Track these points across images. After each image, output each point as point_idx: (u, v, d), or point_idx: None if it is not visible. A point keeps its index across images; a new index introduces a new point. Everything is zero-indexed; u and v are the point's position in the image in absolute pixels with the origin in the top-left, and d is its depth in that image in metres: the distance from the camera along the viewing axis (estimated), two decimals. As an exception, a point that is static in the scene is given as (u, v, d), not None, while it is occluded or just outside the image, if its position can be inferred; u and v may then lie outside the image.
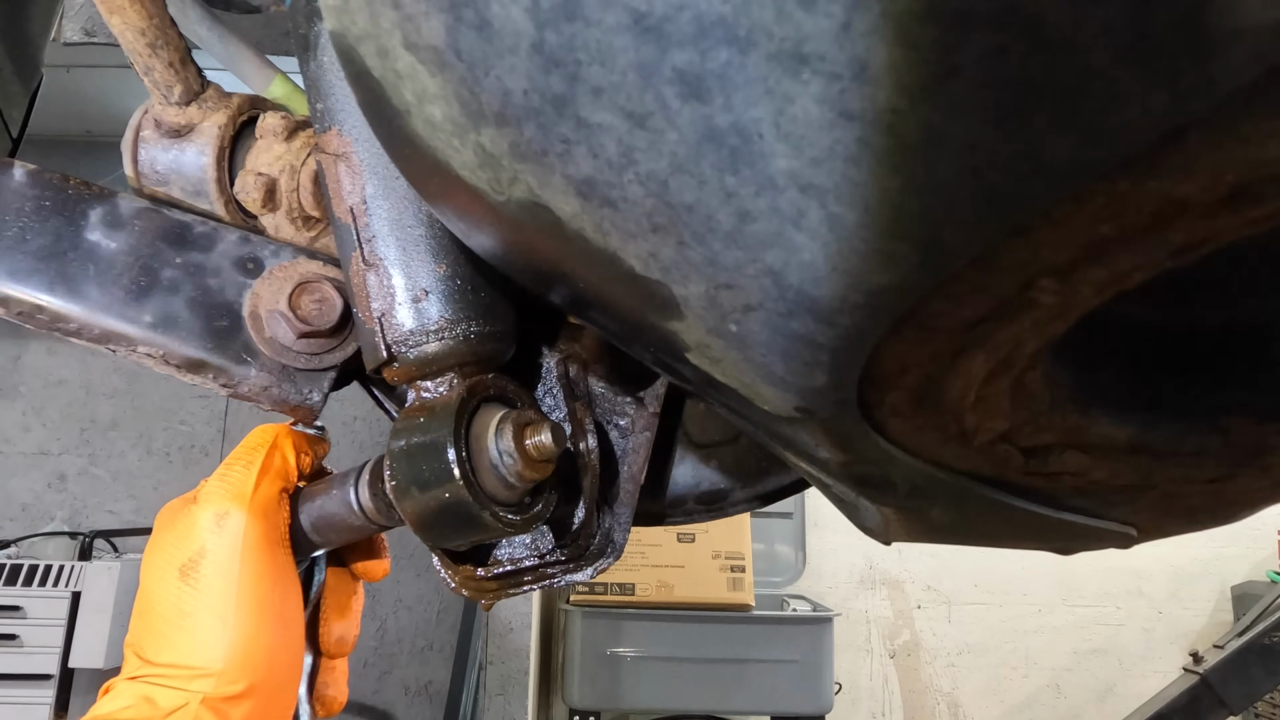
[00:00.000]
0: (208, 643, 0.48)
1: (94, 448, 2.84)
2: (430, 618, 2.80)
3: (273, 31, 0.92)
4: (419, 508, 0.47)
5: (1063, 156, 0.21)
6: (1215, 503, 0.44)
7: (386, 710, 2.73)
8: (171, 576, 0.50)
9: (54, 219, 0.56)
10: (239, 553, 0.50)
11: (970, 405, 0.34)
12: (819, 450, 0.37)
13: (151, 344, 0.55)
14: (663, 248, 0.28)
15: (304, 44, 0.50)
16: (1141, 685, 3.04)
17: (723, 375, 0.34)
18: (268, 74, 0.74)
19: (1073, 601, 3.23)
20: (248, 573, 0.50)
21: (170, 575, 0.50)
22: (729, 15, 0.21)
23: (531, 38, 0.25)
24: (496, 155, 0.30)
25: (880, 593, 3.26)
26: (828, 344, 0.28)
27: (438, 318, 0.49)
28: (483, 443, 0.47)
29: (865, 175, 0.23)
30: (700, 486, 0.70)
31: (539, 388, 0.58)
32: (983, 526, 0.47)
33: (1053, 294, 0.27)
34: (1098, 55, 0.19)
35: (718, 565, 2.61)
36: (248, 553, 0.50)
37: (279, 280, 0.56)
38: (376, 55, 0.31)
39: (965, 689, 3.19)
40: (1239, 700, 2.25)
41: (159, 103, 0.58)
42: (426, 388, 0.51)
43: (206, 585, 0.49)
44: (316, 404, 0.57)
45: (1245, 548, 3.21)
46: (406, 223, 0.49)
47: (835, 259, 0.25)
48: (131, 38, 0.55)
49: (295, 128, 0.60)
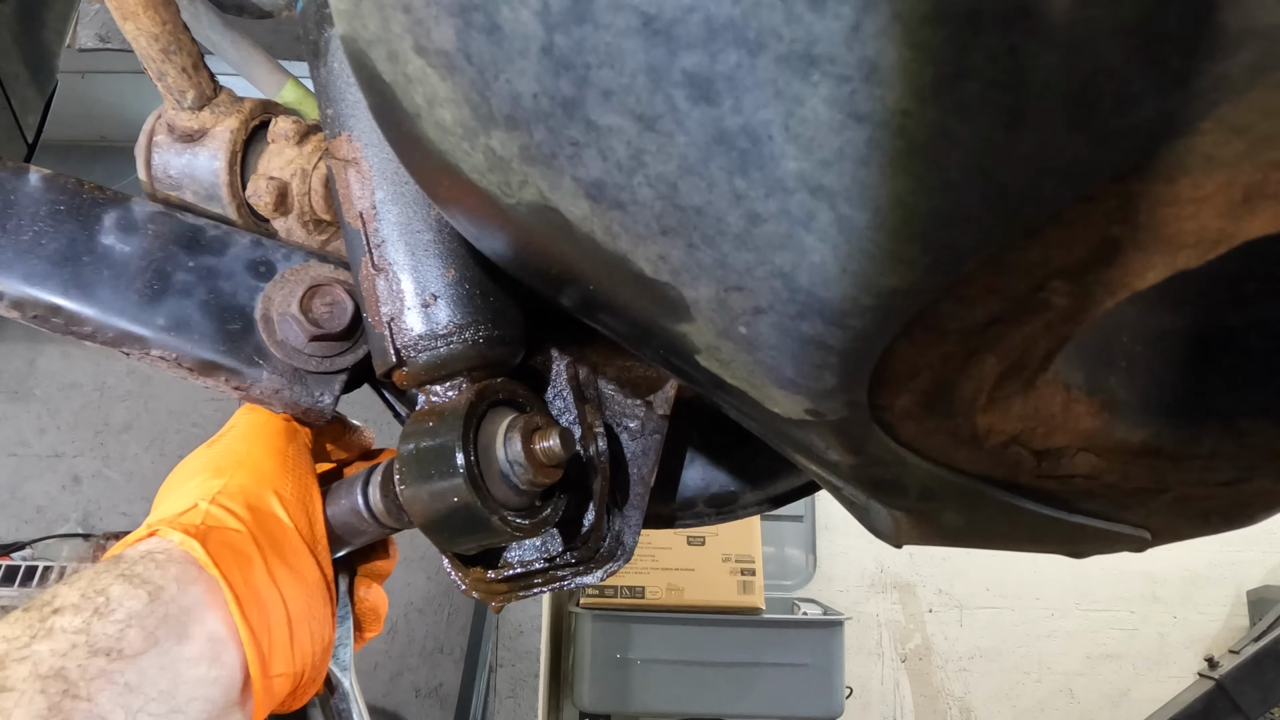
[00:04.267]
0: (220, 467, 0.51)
1: (108, 450, 2.86)
2: (441, 620, 2.80)
3: (284, 36, 0.93)
4: (427, 511, 0.47)
5: (1074, 157, 0.21)
6: (1230, 506, 0.44)
7: (397, 712, 2.73)
8: (200, 449, 0.54)
9: (69, 223, 0.56)
10: (263, 423, 0.55)
11: (982, 407, 0.34)
12: (829, 453, 0.37)
13: (165, 347, 0.55)
14: (672, 250, 0.28)
15: (314, 49, 0.51)
16: (1156, 690, 3.01)
17: (732, 378, 0.34)
18: (279, 78, 0.75)
19: (1086, 606, 3.20)
20: (265, 432, 0.54)
21: (199, 449, 0.54)
22: (738, 18, 0.21)
23: (541, 41, 0.25)
24: (506, 158, 0.30)
25: (891, 596, 3.24)
26: (838, 346, 0.28)
27: (447, 322, 0.49)
28: (491, 448, 0.47)
29: (875, 177, 0.22)
30: (710, 489, 0.70)
31: (548, 391, 0.58)
32: (994, 529, 0.46)
33: (1065, 295, 0.27)
34: (1109, 55, 0.19)
35: (728, 568, 2.61)
36: (270, 422, 0.55)
37: (291, 283, 0.56)
38: (387, 59, 0.31)
39: (977, 694, 3.17)
40: (1255, 706, 2.22)
41: (172, 108, 0.59)
42: (436, 392, 0.51)
43: (227, 441, 0.54)
44: (327, 406, 0.57)
45: (1261, 552, 3.17)
46: (416, 228, 0.50)
47: (845, 261, 0.25)
48: (145, 43, 0.55)
49: (307, 132, 0.61)
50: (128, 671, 0.38)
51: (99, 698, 0.37)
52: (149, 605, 0.40)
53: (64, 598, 0.40)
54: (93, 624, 0.38)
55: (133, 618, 0.40)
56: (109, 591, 0.40)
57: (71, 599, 0.40)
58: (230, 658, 0.42)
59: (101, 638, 0.38)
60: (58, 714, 0.35)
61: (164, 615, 0.41)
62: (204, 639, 0.41)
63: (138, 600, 0.40)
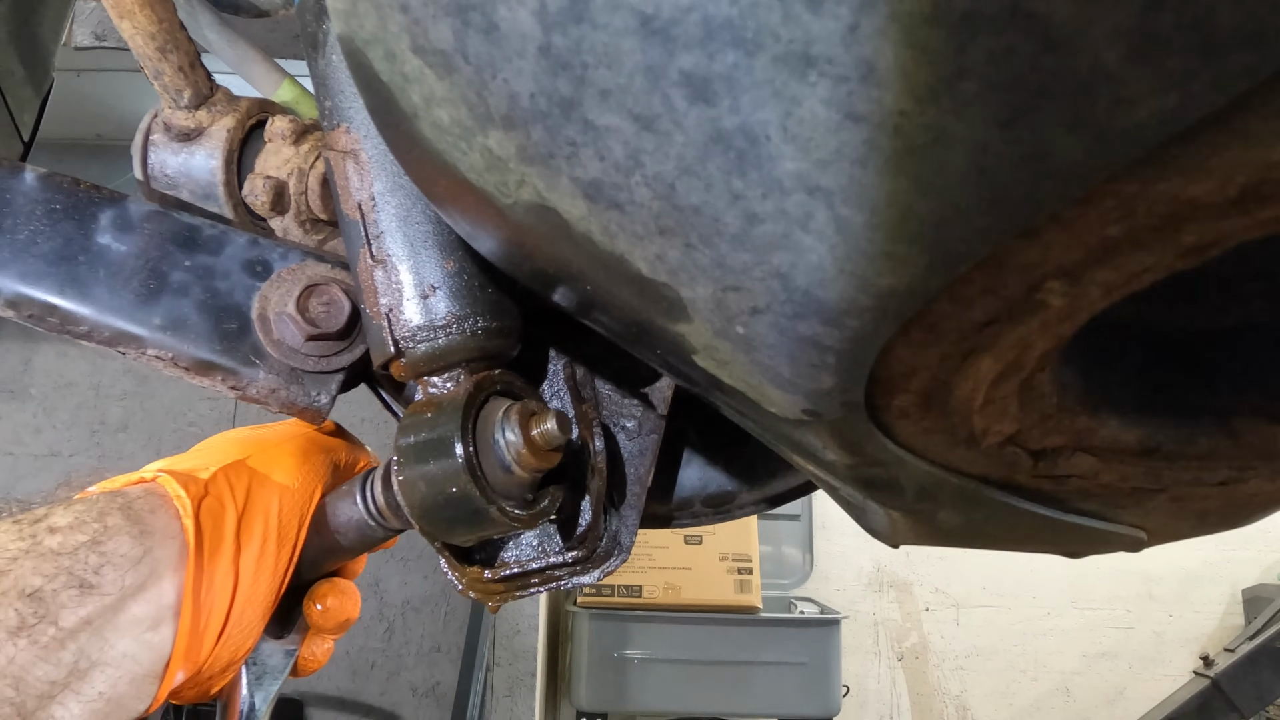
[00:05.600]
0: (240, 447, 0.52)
1: (104, 449, 2.86)
2: (438, 620, 2.80)
3: (281, 35, 0.93)
4: (425, 501, 0.47)
5: (1072, 158, 0.21)
6: (1226, 505, 0.44)
7: (393, 711, 2.73)
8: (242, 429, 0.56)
9: (65, 222, 0.56)
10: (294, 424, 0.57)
11: (979, 407, 0.34)
12: (826, 453, 0.37)
13: (161, 346, 0.55)
14: (670, 250, 0.28)
15: (312, 42, 0.51)
16: (1152, 689, 3.02)
17: (730, 378, 0.34)
18: (276, 77, 0.75)
19: (1082, 604, 3.21)
20: (296, 433, 0.56)
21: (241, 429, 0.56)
22: (736, 17, 0.21)
23: (539, 41, 0.25)
24: (504, 158, 0.30)
25: (888, 595, 3.25)
26: (835, 346, 0.28)
27: (445, 313, 0.49)
28: (489, 436, 0.47)
29: (873, 177, 0.22)
30: (707, 488, 0.70)
31: (546, 389, 0.58)
32: (991, 529, 0.46)
33: (1062, 296, 0.27)
34: (1106, 55, 0.19)
35: (725, 567, 2.61)
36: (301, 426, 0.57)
37: (287, 283, 0.56)
38: (384, 59, 0.31)
39: (974, 692, 3.17)
40: (1250, 704, 2.23)
41: (168, 107, 0.58)
42: (434, 383, 0.51)
43: (265, 431, 0.56)
44: (324, 406, 0.57)
45: (1256, 551, 3.18)
46: (414, 219, 0.50)
47: (843, 261, 0.25)
48: (141, 42, 0.55)
49: (303, 131, 0.61)
50: (90, 607, 0.39)
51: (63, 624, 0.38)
52: (131, 549, 0.41)
53: (59, 518, 0.41)
54: (81, 552, 0.40)
55: (116, 556, 0.41)
56: (107, 520, 0.41)
57: (67, 520, 0.41)
58: (166, 631, 0.43)
59: (84, 568, 0.39)
60: (23, 631, 0.37)
61: (137, 562, 0.41)
62: (154, 602, 0.42)
63: (128, 539, 0.41)
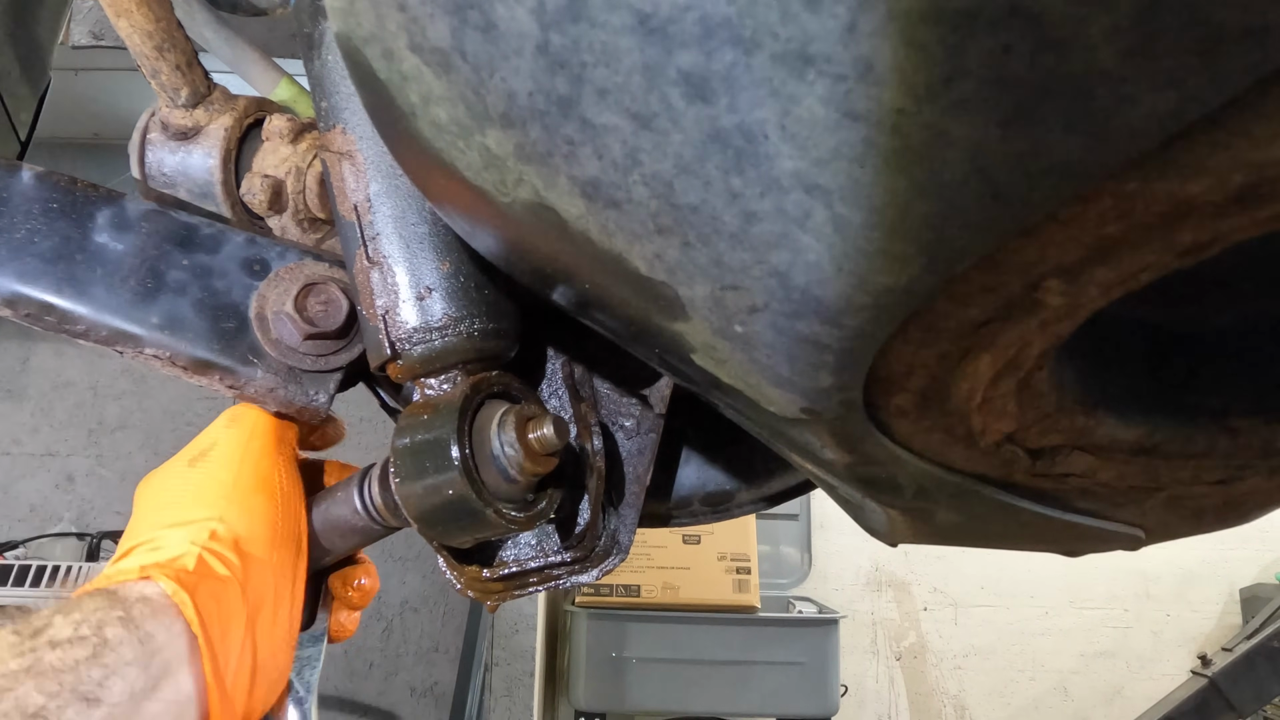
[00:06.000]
0: (210, 500, 0.49)
1: (101, 449, 2.85)
2: (436, 619, 2.80)
3: (279, 34, 0.93)
4: (422, 504, 0.47)
5: (1070, 157, 0.21)
6: (1223, 504, 0.44)
7: (392, 711, 2.73)
8: (180, 466, 0.52)
9: (62, 221, 0.56)
10: (246, 442, 0.53)
11: (977, 406, 0.34)
12: (825, 452, 0.37)
13: (158, 345, 0.55)
14: (668, 249, 0.28)
15: (309, 42, 0.51)
16: (1149, 688, 3.03)
17: (728, 377, 0.34)
18: (274, 76, 0.75)
19: (1080, 604, 3.21)
20: (252, 455, 0.52)
21: (179, 466, 0.52)
22: (734, 16, 0.21)
23: (536, 39, 0.25)
24: (501, 157, 0.30)
25: (886, 595, 3.25)
26: (833, 345, 0.28)
27: (441, 315, 0.49)
28: (486, 439, 0.47)
29: (871, 176, 0.22)
30: (706, 488, 0.70)
31: (544, 389, 0.58)
32: (989, 528, 0.46)
33: (1060, 295, 0.27)
34: (1105, 55, 0.19)
35: (723, 567, 2.61)
36: (254, 440, 0.53)
37: (285, 282, 0.56)
38: (382, 57, 0.31)
39: (972, 691, 3.18)
40: (1247, 703, 2.24)
41: (166, 105, 0.58)
42: (431, 385, 0.51)
43: (213, 466, 0.51)
44: (322, 405, 0.57)
45: (1254, 550, 3.19)
46: (410, 220, 0.50)
47: (841, 260, 0.25)
48: (139, 41, 0.55)
49: (301, 130, 0.61)
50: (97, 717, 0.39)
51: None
52: (136, 654, 0.41)
53: (59, 630, 0.40)
54: (82, 667, 0.39)
55: (121, 665, 0.41)
56: (106, 633, 0.41)
57: (66, 633, 0.40)
58: (190, 717, 0.43)
59: (87, 682, 0.39)
60: None
61: (145, 666, 0.41)
62: (171, 698, 0.42)
63: (130, 648, 0.41)
